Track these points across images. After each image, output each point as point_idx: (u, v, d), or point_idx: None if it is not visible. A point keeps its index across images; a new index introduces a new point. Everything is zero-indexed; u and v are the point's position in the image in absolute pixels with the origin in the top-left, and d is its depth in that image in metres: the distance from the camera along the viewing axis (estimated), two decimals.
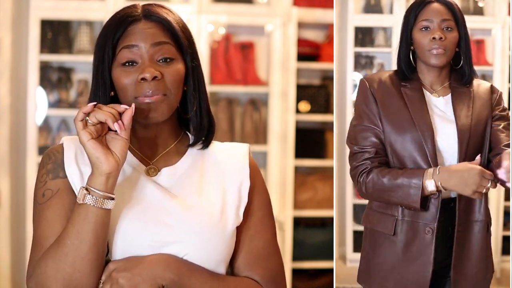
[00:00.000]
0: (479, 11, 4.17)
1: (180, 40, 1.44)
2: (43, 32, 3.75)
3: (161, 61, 1.41)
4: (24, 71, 3.76)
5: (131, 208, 1.39)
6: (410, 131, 1.90)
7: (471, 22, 4.10)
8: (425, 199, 1.88)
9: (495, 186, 1.84)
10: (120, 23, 1.42)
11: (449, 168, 1.85)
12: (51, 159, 1.44)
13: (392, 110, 1.94)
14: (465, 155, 1.89)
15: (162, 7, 1.47)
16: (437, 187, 1.83)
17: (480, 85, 2.02)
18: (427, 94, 1.98)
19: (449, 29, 1.95)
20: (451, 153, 1.91)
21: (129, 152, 1.46)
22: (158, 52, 1.41)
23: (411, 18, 2.00)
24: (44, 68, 3.84)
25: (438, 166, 1.86)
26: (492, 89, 2.03)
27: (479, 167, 1.82)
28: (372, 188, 1.91)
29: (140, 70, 1.39)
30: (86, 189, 1.32)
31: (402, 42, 2.02)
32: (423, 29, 1.96)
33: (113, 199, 1.33)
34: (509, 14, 4.01)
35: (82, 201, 1.32)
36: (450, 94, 1.98)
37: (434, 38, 1.93)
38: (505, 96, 4.01)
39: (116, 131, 1.34)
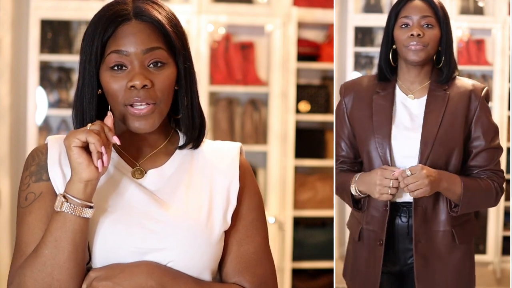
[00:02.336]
0: (479, 11, 4.17)
1: (172, 42, 1.38)
2: (43, 32, 3.75)
3: (151, 65, 1.36)
4: (24, 71, 3.76)
5: (114, 212, 1.35)
6: (371, 141, 1.95)
7: (471, 22, 4.11)
8: (359, 201, 2.00)
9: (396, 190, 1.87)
10: (110, 22, 1.36)
11: (365, 173, 1.94)
12: (35, 161, 1.40)
13: (359, 121, 2.00)
14: (426, 160, 1.88)
15: (154, 2, 1.40)
16: (357, 191, 1.94)
17: (460, 88, 1.95)
18: (401, 96, 1.98)
19: (429, 26, 1.92)
20: (411, 160, 1.90)
21: (115, 153, 1.42)
22: (148, 58, 1.35)
23: (392, 16, 1.98)
24: (44, 68, 3.84)
25: (360, 172, 1.95)
26: (471, 97, 1.94)
27: (381, 169, 1.87)
28: (336, 189, 2.06)
29: (130, 77, 1.34)
30: (64, 196, 1.28)
31: (383, 41, 2.01)
32: (403, 26, 1.94)
33: (91, 207, 1.29)
34: (509, 14, 4.01)
35: (60, 209, 1.28)
36: (426, 96, 1.95)
37: (412, 34, 1.91)
38: (505, 96, 4.01)
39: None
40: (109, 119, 1.34)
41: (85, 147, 1.29)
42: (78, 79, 1.40)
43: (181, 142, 1.46)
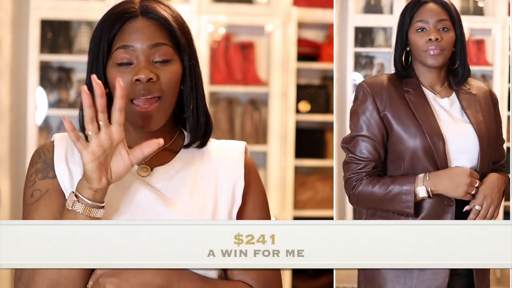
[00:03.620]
0: (479, 11, 4.17)
1: (178, 39, 1.40)
2: (43, 32, 3.75)
3: (157, 62, 1.38)
4: (24, 71, 3.76)
5: (120, 210, 1.36)
6: (419, 139, 1.88)
7: (471, 22, 4.11)
8: (417, 206, 1.89)
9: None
10: (117, 20, 1.38)
11: (439, 172, 1.87)
12: (41, 158, 1.41)
13: (398, 120, 1.91)
14: (483, 156, 1.89)
15: (161, 2, 1.43)
16: (427, 192, 1.86)
17: (479, 89, 2.00)
18: (430, 95, 1.95)
19: (445, 29, 1.92)
20: (469, 156, 1.90)
21: None
22: (154, 53, 1.37)
23: (406, 19, 1.96)
24: (44, 68, 3.84)
25: (428, 172, 1.87)
26: (492, 97, 2.03)
27: (468, 168, 1.86)
28: (364, 198, 1.94)
29: (135, 71, 1.36)
30: (76, 195, 1.29)
31: (397, 44, 1.99)
32: (419, 30, 1.93)
33: (102, 207, 1.30)
34: (509, 14, 4.01)
35: (71, 208, 1.29)
36: (454, 95, 1.96)
37: (430, 39, 1.90)
38: (505, 96, 4.01)
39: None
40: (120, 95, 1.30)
41: (103, 157, 1.28)
42: (86, 78, 1.41)
43: (186, 142, 1.47)
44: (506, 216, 4.10)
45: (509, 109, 4.03)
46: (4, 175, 3.72)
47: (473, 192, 1.86)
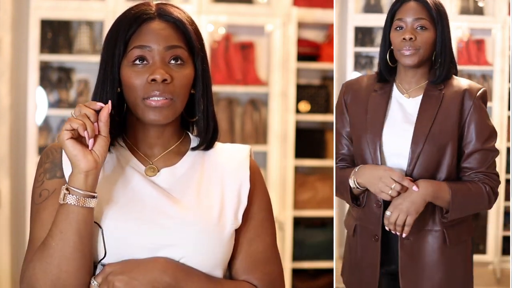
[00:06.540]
0: (479, 11, 4.17)
1: (192, 42, 1.43)
2: (43, 32, 3.75)
3: (172, 61, 1.41)
4: (24, 71, 3.76)
5: (127, 208, 1.38)
6: (363, 138, 1.96)
7: (471, 22, 4.11)
8: (358, 197, 1.98)
9: (398, 193, 1.85)
10: (134, 20, 1.41)
11: (366, 166, 1.92)
12: (49, 158, 1.43)
13: (355, 119, 2.01)
14: (417, 159, 1.87)
15: (175, 7, 1.46)
16: (354, 183, 1.92)
17: (455, 87, 1.93)
18: (397, 95, 1.98)
19: (423, 28, 1.90)
20: (401, 158, 1.90)
21: (128, 152, 1.46)
22: (170, 55, 1.40)
23: (388, 17, 1.97)
24: (44, 68, 3.84)
25: (360, 165, 1.95)
26: (465, 96, 1.91)
27: (393, 169, 1.86)
28: (335, 188, 2.05)
29: (151, 71, 1.38)
30: (67, 189, 1.31)
31: (381, 42, 2.01)
32: (398, 28, 1.93)
33: (94, 197, 1.32)
34: (509, 14, 4.01)
35: (63, 201, 1.31)
36: (421, 96, 1.95)
37: (404, 38, 1.90)
38: (505, 96, 4.01)
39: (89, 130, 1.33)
40: (105, 110, 1.35)
41: (79, 140, 1.32)
42: (98, 78, 1.44)
43: (193, 144, 1.50)
44: (506, 216, 4.10)
45: (509, 109, 4.04)
46: (4, 175, 3.72)
47: (390, 193, 1.84)
